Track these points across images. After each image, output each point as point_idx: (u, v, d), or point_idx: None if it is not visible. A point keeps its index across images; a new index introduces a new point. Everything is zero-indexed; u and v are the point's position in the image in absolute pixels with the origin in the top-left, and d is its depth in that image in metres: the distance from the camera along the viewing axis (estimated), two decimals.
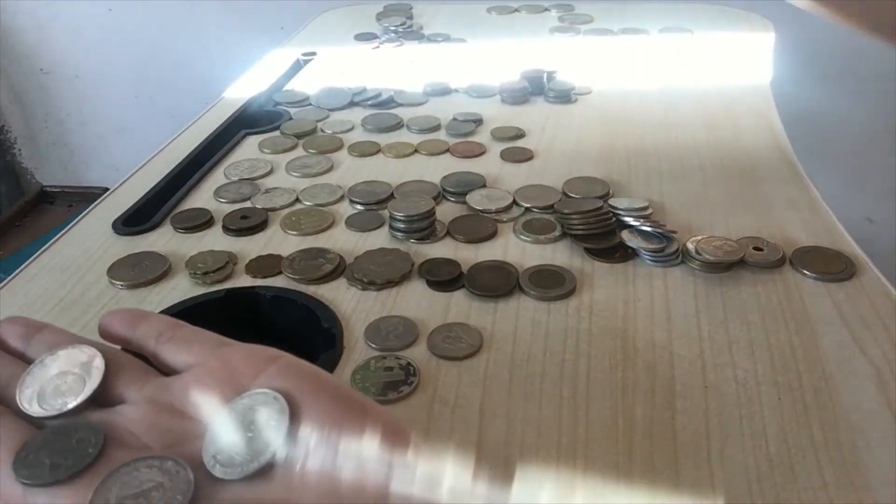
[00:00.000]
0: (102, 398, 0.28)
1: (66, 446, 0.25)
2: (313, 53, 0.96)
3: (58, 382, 0.28)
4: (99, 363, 0.29)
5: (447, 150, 0.68)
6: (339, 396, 0.27)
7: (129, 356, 0.30)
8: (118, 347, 0.31)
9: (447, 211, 0.58)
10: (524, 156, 0.67)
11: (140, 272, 0.51)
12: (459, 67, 0.89)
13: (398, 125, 0.74)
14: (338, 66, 0.92)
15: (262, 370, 0.28)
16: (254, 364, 0.28)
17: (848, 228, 0.54)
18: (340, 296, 0.48)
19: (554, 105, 0.79)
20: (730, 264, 0.49)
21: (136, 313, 0.32)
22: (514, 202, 0.58)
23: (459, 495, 0.25)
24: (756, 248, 0.51)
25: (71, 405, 0.27)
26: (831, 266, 0.49)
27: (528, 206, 0.58)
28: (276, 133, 0.73)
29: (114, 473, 0.24)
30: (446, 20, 1.08)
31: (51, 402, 0.27)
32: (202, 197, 0.62)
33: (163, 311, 0.47)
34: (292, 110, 0.78)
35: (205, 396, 0.27)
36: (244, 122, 0.77)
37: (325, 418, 0.25)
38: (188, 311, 0.47)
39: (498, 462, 0.36)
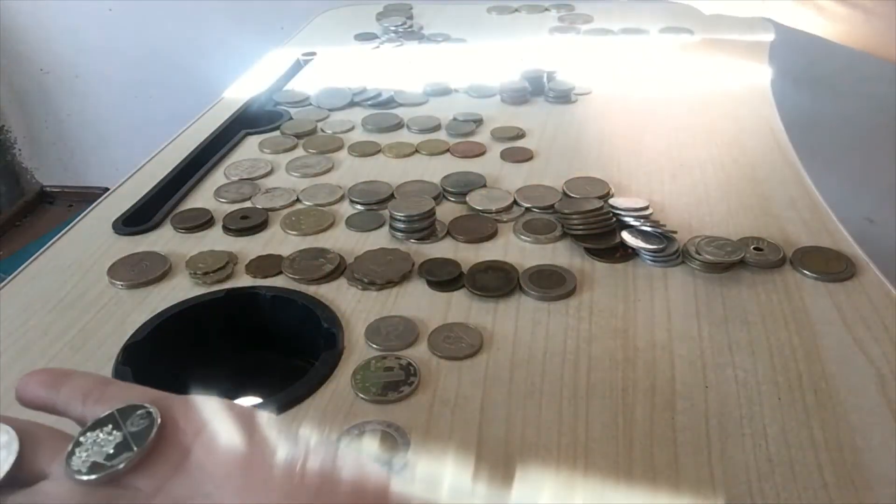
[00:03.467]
0: (20, 478, 0.25)
1: None
2: (313, 53, 0.96)
3: None
4: (10, 439, 0.25)
5: (447, 150, 0.68)
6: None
7: (45, 426, 0.27)
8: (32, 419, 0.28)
9: (447, 211, 0.58)
10: (524, 156, 0.67)
11: (140, 272, 0.51)
12: (459, 67, 0.89)
13: (398, 125, 0.74)
14: (338, 66, 0.91)
15: (201, 427, 0.26)
16: (193, 420, 0.26)
17: (848, 228, 0.54)
18: (340, 296, 0.48)
19: (554, 105, 0.79)
20: (730, 264, 0.49)
21: (56, 373, 0.29)
22: (515, 202, 0.58)
23: (459, 495, 0.25)
24: (756, 248, 0.51)
25: None
26: (831, 266, 0.49)
27: (529, 206, 0.58)
28: (277, 133, 0.73)
29: None
30: (446, 20, 1.08)
31: None
32: (202, 197, 0.62)
33: (163, 312, 0.47)
34: (292, 110, 0.78)
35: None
36: (244, 122, 0.77)
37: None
38: (188, 312, 0.47)
39: (498, 462, 0.36)
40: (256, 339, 0.50)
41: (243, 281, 0.50)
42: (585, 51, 0.95)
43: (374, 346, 0.44)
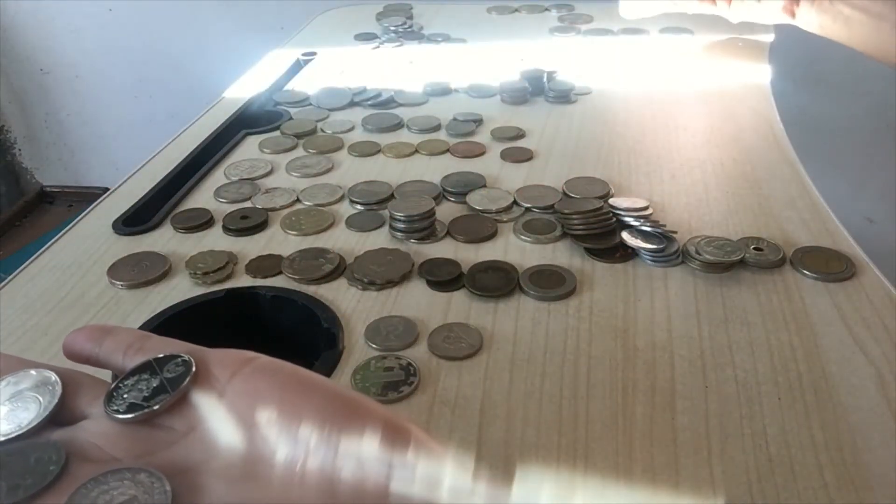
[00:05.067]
0: (62, 417, 0.26)
1: (24, 466, 0.23)
2: (313, 53, 0.96)
3: (11, 407, 0.26)
4: (54, 381, 0.27)
5: (447, 150, 0.68)
6: (330, 395, 0.26)
7: (86, 374, 0.29)
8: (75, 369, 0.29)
9: (447, 211, 0.58)
10: (524, 156, 0.67)
11: (140, 272, 0.51)
12: (459, 67, 0.89)
13: (398, 125, 0.74)
14: (338, 66, 0.92)
15: (236, 371, 0.27)
16: (228, 366, 0.27)
17: (848, 228, 0.54)
18: (340, 296, 0.48)
19: (554, 105, 0.79)
20: (730, 264, 0.49)
21: (101, 328, 0.31)
22: (515, 202, 0.58)
23: (459, 495, 0.25)
24: (756, 248, 0.51)
25: (27, 426, 0.25)
26: (831, 266, 0.49)
27: (528, 206, 0.58)
28: (277, 133, 0.73)
29: (80, 490, 0.22)
30: (446, 20, 1.08)
31: (4, 427, 0.25)
32: (202, 197, 0.62)
33: (163, 312, 0.47)
34: (292, 110, 0.78)
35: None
36: (244, 122, 0.77)
37: (323, 418, 0.25)
38: (188, 312, 0.48)
39: (498, 462, 0.36)
40: (256, 339, 0.50)
41: (243, 281, 0.50)
42: (585, 51, 0.95)
43: (374, 346, 0.44)
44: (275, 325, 0.49)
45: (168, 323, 0.46)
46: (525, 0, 1.15)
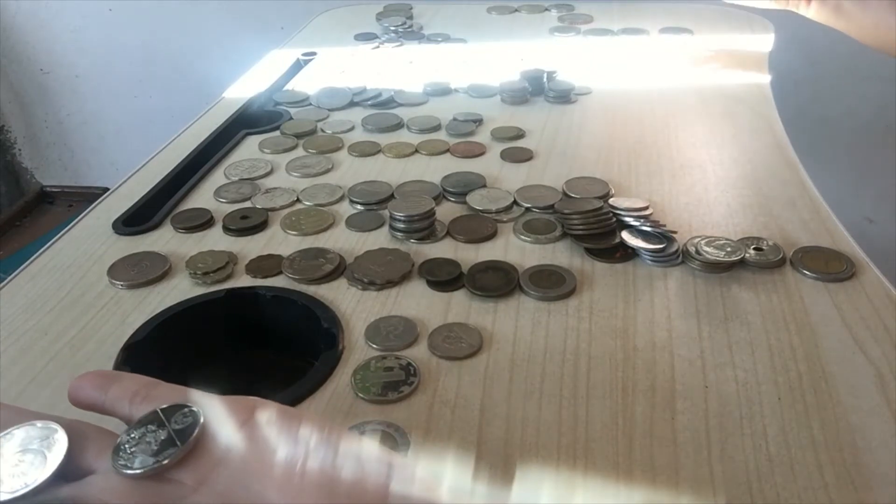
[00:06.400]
0: (68, 472, 0.26)
1: None
2: (313, 53, 0.96)
3: (16, 462, 0.25)
4: (60, 435, 0.26)
5: (447, 150, 0.68)
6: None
7: (92, 425, 0.28)
8: (80, 419, 0.29)
9: (447, 211, 0.58)
10: (524, 156, 0.67)
11: (140, 272, 0.51)
12: (459, 67, 0.89)
13: (398, 125, 0.74)
14: (338, 66, 0.92)
15: (245, 421, 0.26)
16: (236, 416, 0.27)
17: (848, 228, 0.54)
18: (340, 296, 0.48)
19: (554, 105, 0.79)
20: (730, 264, 0.49)
21: (107, 375, 0.30)
22: (515, 202, 0.58)
23: (459, 495, 0.25)
24: (756, 248, 0.51)
25: (33, 483, 0.25)
26: (831, 266, 0.49)
27: (528, 206, 0.58)
28: (277, 133, 0.73)
29: None
30: (446, 20, 1.08)
31: (9, 485, 0.25)
32: (202, 197, 0.62)
33: (163, 311, 0.47)
34: (292, 110, 0.78)
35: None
36: (244, 122, 0.77)
37: (334, 469, 0.25)
38: (188, 312, 0.47)
39: (498, 462, 0.36)
40: (256, 339, 0.50)
41: (243, 281, 0.50)
42: (585, 51, 0.95)
43: (374, 346, 0.44)
44: (275, 325, 0.49)
45: (168, 323, 0.46)
46: (525, 0, 1.15)
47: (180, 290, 0.50)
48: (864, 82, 1.48)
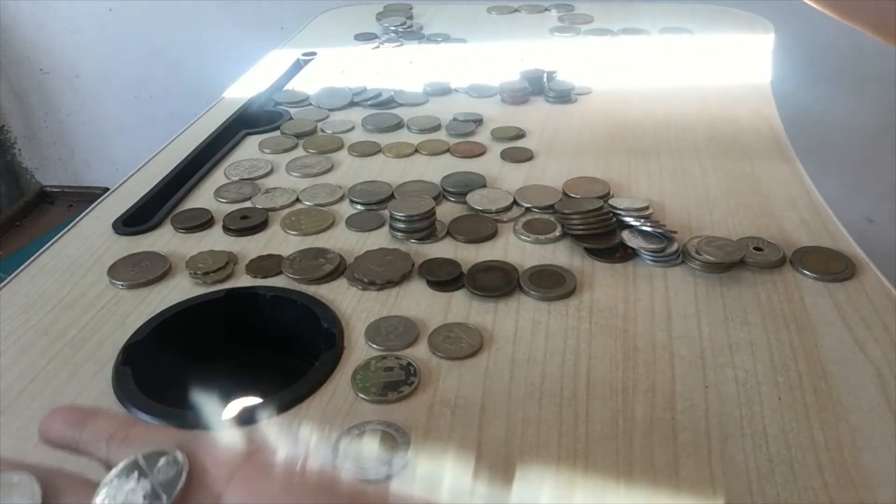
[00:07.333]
0: None
1: None
2: (313, 53, 0.96)
3: None
4: (33, 489, 0.24)
5: (447, 150, 0.68)
6: (336, 496, 0.24)
7: (68, 474, 0.26)
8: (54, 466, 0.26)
9: (447, 211, 0.58)
10: (524, 156, 0.67)
11: (140, 272, 0.51)
12: (459, 67, 0.89)
13: (398, 125, 0.74)
14: (338, 66, 0.92)
15: (234, 473, 0.25)
16: (224, 466, 0.25)
17: (848, 228, 0.54)
18: (340, 296, 0.48)
19: (554, 105, 0.79)
20: (730, 264, 0.49)
21: (80, 412, 0.27)
22: (515, 202, 0.58)
23: (459, 495, 0.25)
24: (756, 248, 0.51)
25: None
26: (831, 266, 0.49)
27: (529, 206, 0.58)
28: (277, 133, 0.73)
29: None
30: (446, 20, 1.08)
31: None
32: (202, 197, 0.62)
33: (163, 312, 0.47)
34: (292, 110, 0.78)
35: None
36: (244, 122, 0.77)
37: None
38: (188, 312, 0.47)
39: (498, 462, 0.36)
40: (256, 339, 0.50)
41: (243, 281, 0.50)
42: (585, 51, 0.95)
43: (374, 346, 0.44)
44: (275, 325, 0.49)
45: (168, 323, 0.46)
46: (525, 0, 1.15)
47: (180, 290, 0.50)
48: (865, 82, 1.48)
